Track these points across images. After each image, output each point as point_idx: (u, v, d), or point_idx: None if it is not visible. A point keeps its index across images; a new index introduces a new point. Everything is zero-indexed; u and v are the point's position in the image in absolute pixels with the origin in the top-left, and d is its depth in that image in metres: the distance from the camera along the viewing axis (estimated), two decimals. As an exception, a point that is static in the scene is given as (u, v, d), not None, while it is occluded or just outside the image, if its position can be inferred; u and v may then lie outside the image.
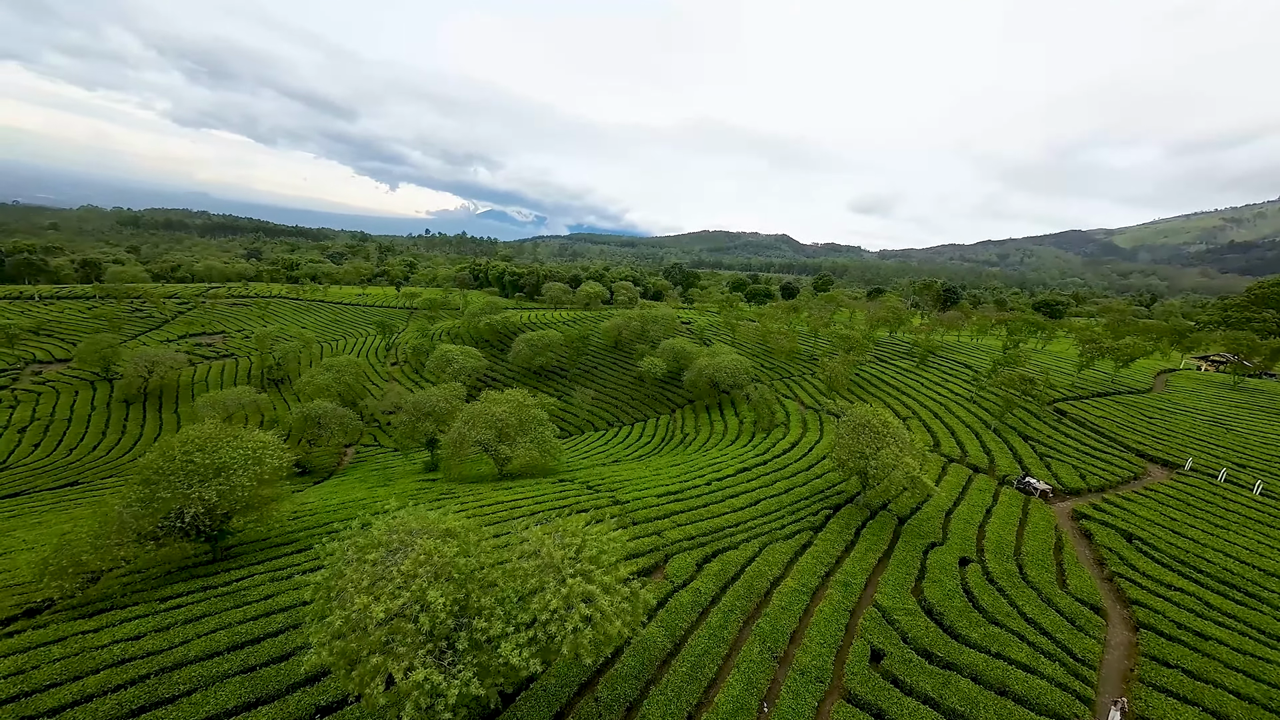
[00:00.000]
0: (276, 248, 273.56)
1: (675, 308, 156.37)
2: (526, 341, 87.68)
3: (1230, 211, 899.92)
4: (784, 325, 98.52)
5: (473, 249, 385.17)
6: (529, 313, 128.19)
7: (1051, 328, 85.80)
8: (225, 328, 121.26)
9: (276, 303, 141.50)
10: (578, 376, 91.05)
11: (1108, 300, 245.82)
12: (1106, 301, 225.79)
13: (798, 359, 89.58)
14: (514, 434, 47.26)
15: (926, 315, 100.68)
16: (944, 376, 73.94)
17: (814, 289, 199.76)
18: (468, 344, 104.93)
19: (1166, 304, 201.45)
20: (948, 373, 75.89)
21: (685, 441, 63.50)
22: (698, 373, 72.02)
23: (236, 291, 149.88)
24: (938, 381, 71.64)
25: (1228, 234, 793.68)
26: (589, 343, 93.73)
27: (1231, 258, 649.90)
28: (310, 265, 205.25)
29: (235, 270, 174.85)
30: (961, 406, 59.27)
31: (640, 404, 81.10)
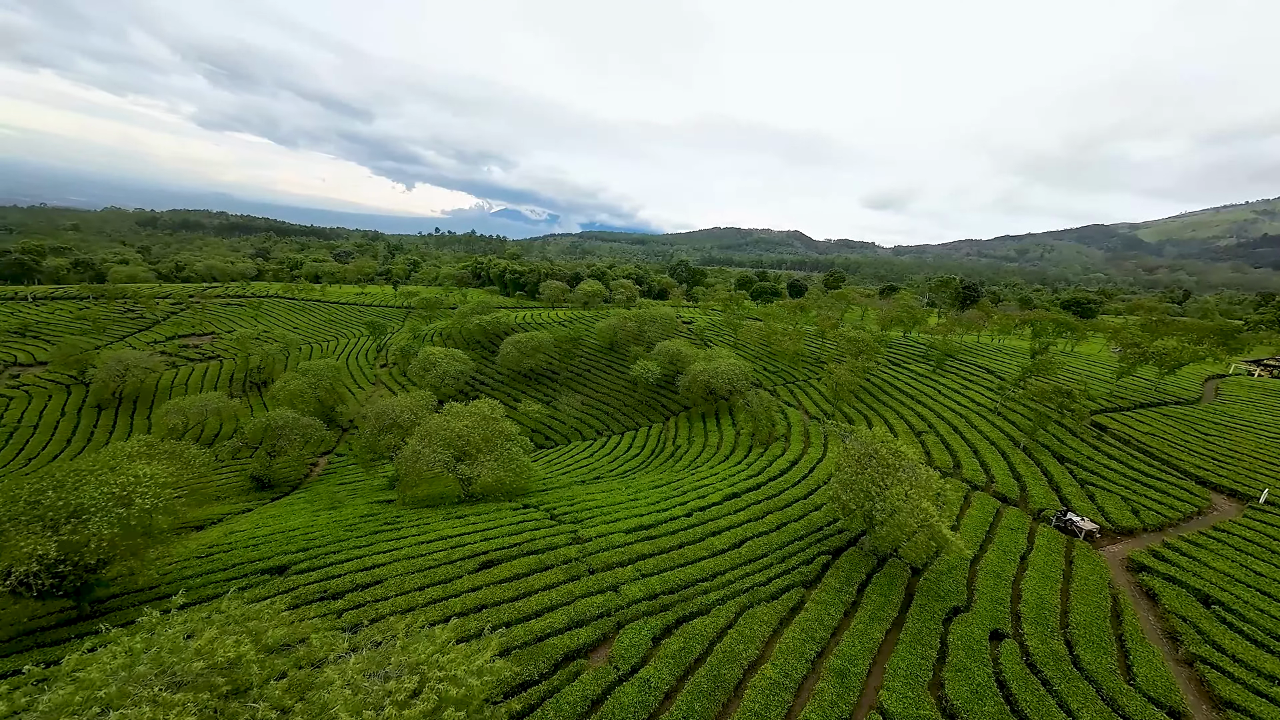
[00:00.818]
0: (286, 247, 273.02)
1: (679, 306, 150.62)
2: (514, 344, 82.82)
3: (1262, 204, 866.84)
4: (789, 325, 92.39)
5: (482, 247, 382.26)
6: (525, 312, 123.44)
7: (1083, 328, 78.58)
8: (216, 328, 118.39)
9: (272, 303, 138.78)
10: (569, 380, 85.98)
11: (1136, 297, 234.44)
12: (1135, 299, 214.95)
13: (804, 362, 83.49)
14: (477, 452, 42.24)
15: (944, 314, 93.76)
16: (964, 383, 67.42)
17: (824, 286, 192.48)
18: (459, 345, 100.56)
19: (1201, 301, 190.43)
20: (968, 378, 69.31)
21: (676, 455, 58.03)
22: (692, 379, 66.48)
23: (234, 291, 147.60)
24: (957, 389, 65.18)
25: (1259, 227, 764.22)
26: (580, 345, 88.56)
27: (1264, 251, 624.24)
28: (313, 265, 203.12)
29: (237, 270, 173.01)
30: (985, 419, 52.93)
31: (632, 411, 75.74)
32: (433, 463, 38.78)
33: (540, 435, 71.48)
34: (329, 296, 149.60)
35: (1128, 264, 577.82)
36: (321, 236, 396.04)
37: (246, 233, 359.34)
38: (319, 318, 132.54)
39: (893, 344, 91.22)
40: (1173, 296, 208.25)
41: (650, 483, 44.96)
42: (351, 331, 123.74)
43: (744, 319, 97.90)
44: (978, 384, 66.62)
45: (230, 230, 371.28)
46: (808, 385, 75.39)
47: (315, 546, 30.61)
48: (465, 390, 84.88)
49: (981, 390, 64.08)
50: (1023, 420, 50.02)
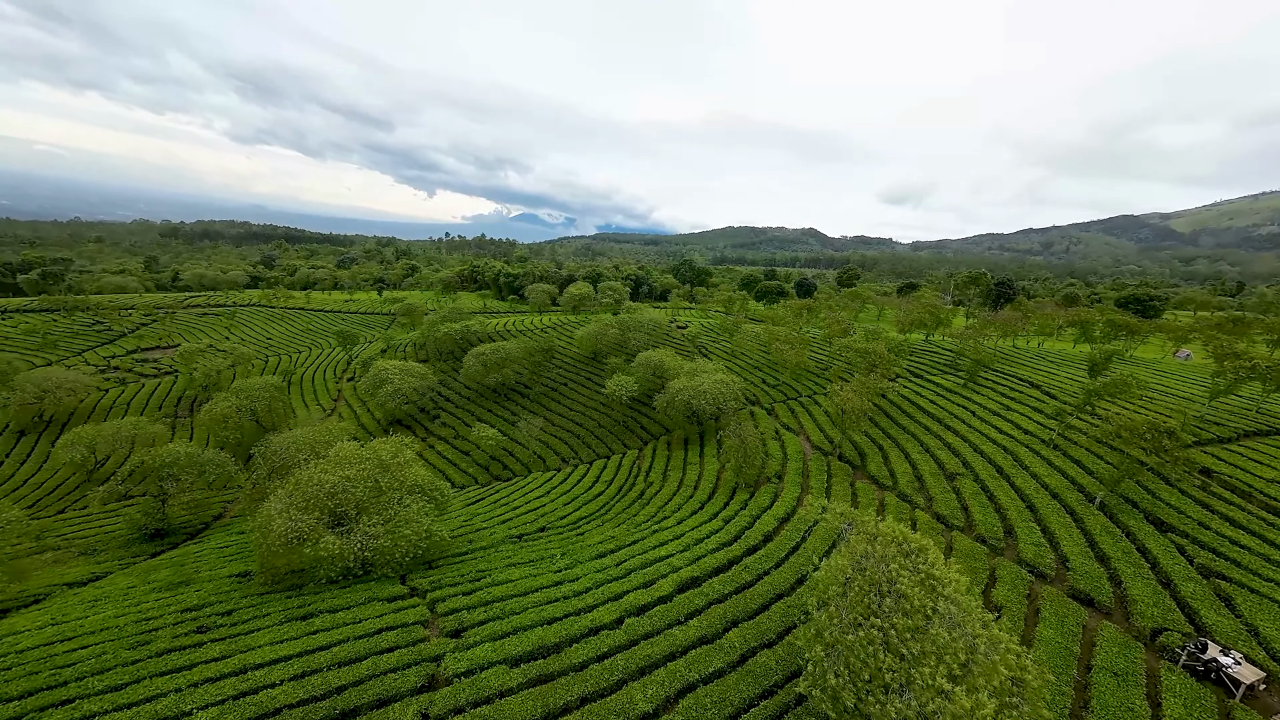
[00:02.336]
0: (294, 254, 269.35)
1: (677, 309, 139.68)
2: (478, 356, 73.03)
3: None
4: (793, 330, 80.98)
5: (491, 251, 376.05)
6: (507, 318, 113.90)
7: (1146, 329, 65.79)
8: (185, 341, 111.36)
9: (251, 312, 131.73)
10: (542, 395, 75.86)
11: (1179, 290, 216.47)
12: (1182, 291, 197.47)
13: (810, 374, 72.06)
14: (359, 512, 32.28)
15: (974, 314, 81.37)
16: (1004, 401, 55.49)
17: (837, 284, 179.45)
18: (432, 356, 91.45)
19: (1259, 292, 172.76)
20: (1009, 395, 57.33)
21: (644, 496, 47.41)
22: (671, 398, 55.85)
23: (216, 300, 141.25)
24: (996, 409, 53.31)
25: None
26: (553, 356, 78.34)
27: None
28: (307, 272, 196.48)
29: (228, 278, 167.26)
30: (1038, 456, 41.23)
31: (606, 434, 65.26)
32: (290, 537, 28.86)
33: (498, 465, 61.45)
34: (315, 304, 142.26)
35: (1162, 255, 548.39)
36: (335, 243, 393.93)
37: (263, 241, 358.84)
38: (297, 327, 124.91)
39: (914, 349, 79.21)
40: (1224, 289, 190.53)
41: (594, 547, 34.48)
42: (328, 342, 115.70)
43: (742, 323, 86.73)
44: (1022, 403, 54.61)
45: (249, 239, 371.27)
46: (814, 402, 64.05)
47: (59, 684, 20.81)
48: (426, 409, 75.49)
49: (1028, 412, 52.12)
50: (1091, 458, 38.25)
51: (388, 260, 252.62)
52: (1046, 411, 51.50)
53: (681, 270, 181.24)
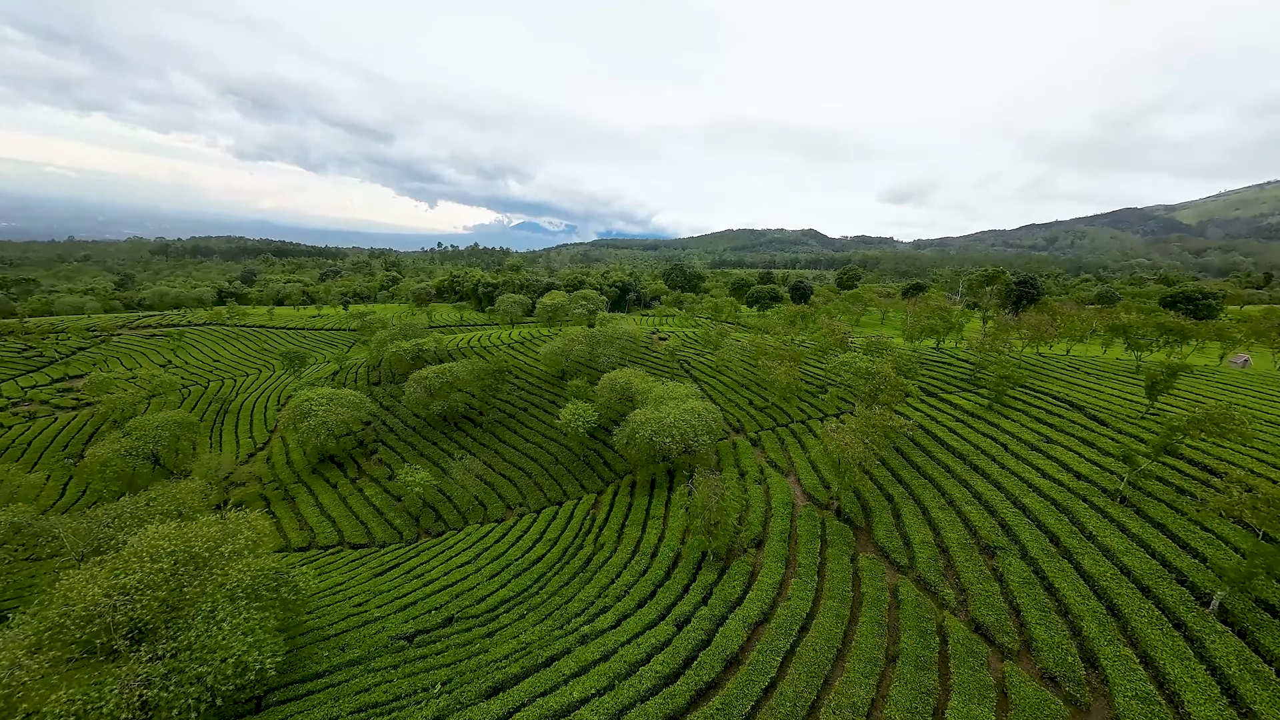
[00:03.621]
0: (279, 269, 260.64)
1: (662, 317, 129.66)
2: (420, 381, 63.17)
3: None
4: (785, 341, 70.83)
5: (484, 260, 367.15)
6: (474, 333, 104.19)
7: (1203, 333, 55.28)
8: (122, 367, 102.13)
9: (204, 331, 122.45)
10: (495, 425, 65.83)
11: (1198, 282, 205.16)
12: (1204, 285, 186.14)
13: (806, 390, 61.88)
14: (136, 637, 22.37)
15: (991, 318, 71.04)
16: (1040, 429, 45.15)
17: (837, 286, 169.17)
18: (385, 379, 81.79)
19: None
20: (1045, 418, 47.02)
21: (590, 564, 37.34)
22: (630, 434, 45.82)
23: (171, 320, 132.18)
24: (1032, 440, 42.99)
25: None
26: (508, 377, 68.29)
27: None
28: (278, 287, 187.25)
29: (194, 295, 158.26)
30: (1104, 518, 30.93)
31: (563, 472, 55.14)
32: None
33: (430, 515, 51.39)
34: (278, 320, 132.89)
35: (1171, 247, 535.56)
36: (328, 256, 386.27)
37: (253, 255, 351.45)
38: (251, 347, 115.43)
39: (924, 360, 68.92)
40: (1249, 281, 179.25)
41: (492, 672, 24.35)
42: (281, 363, 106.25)
43: (727, 334, 76.63)
44: (1064, 431, 44.24)
45: (241, 253, 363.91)
46: (807, 429, 53.83)
47: None
48: (365, 441, 65.66)
49: (1075, 444, 41.77)
50: (1186, 524, 27.88)
51: (375, 272, 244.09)
52: (1100, 445, 41.11)
53: (672, 275, 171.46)
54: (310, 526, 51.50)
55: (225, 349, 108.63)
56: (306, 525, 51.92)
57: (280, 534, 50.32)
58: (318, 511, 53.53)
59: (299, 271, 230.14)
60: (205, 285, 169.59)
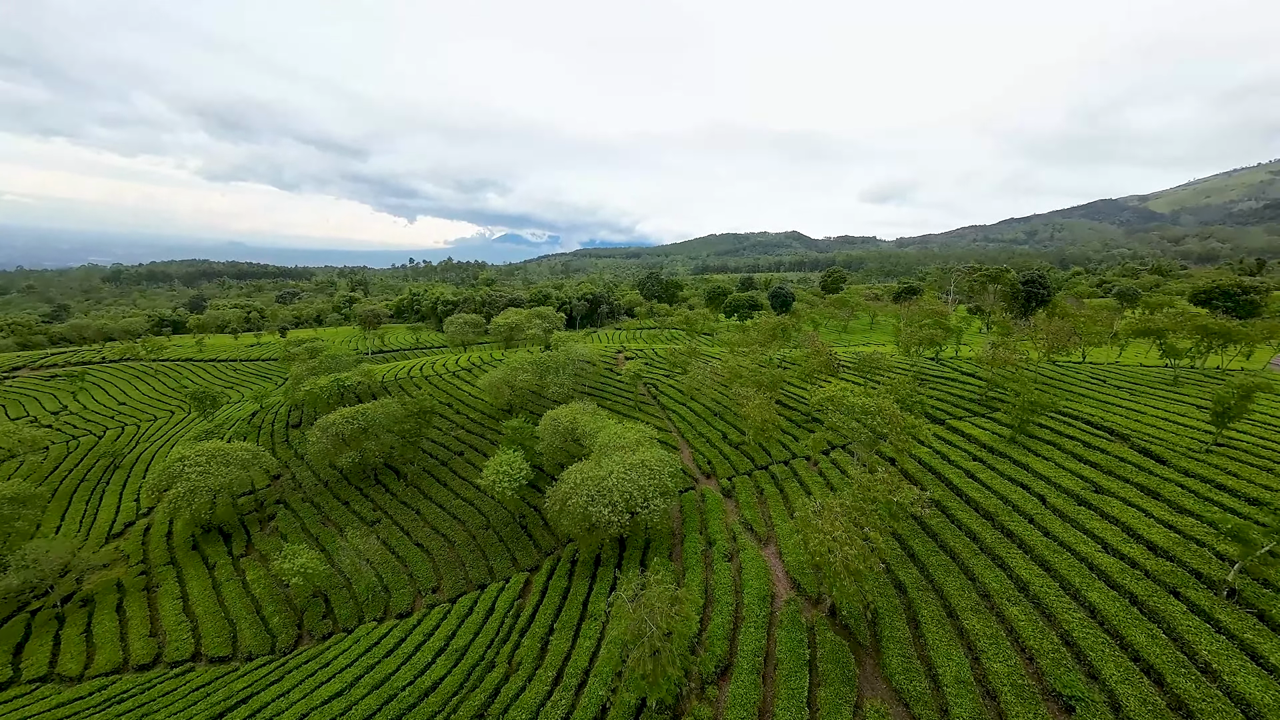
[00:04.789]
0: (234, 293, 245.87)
1: (632, 331, 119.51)
2: (326, 429, 52.17)
3: (1277, 164, 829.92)
4: (762, 361, 60.90)
5: (458, 275, 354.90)
6: (416, 360, 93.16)
7: (1250, 335, 46.33)
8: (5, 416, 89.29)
9: (118, 368, 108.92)
10: (420, 477, 54.90)
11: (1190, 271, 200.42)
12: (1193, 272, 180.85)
13: (790, 421, 51.99)
14: None
15: (995, 322, 61.78)
16: (1083, 471, 35.54)
17: (822, 289, 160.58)
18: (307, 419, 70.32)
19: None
20: (1084, 454, 37.48)
21: (494, 698, 26.72)
22: (561, 501, 35.58)
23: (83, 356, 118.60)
24: (1076, 489, 33.31)
25: (1277, 187, 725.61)
26: (433, 420, 57.37)
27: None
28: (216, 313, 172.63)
29: (120, 326, 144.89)
30: (1215, 631, 21.02)
31: (493, 541, 44.43)
32: None
33: (319, 607, 40.32)
34: (209, 351, 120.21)
35: (1150, 236, 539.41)
36: (294, 277, 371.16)
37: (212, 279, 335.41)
38: (168, 385, 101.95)
39: (923, 375, 59.44)
40: (1244, 268, 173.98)
41: None
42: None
43: (697, 352, 66.61)
44: (1115, 474, 34.66)
45: (199, 278, 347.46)
46: (791, 474, 43.81)
47: None
48: (262, 504, 54.35)
49: (1135, 496, 32.16)
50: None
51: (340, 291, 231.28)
52: (1168, 496, 31.47)
53: (647, 284, 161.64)
54: (165, 630, 40.20)
55: (137, 388, 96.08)
56: (160, 629, 40.59)
57: (121, 646, 39.00)
58: (180, 607, 42.21)
59: (256, 295, 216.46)
60: (138, 315, 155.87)
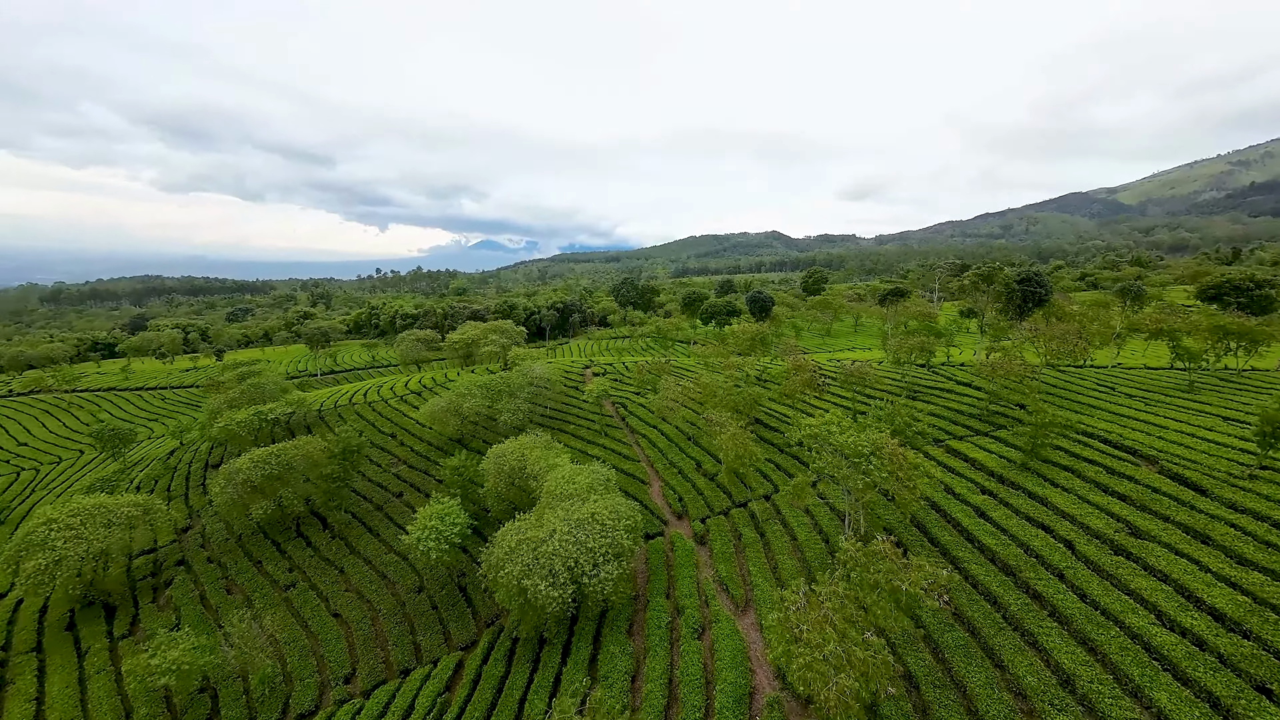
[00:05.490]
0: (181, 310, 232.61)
1: (604, 342, 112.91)
2: (233, 476, 44.55)
3: (1234, 155, 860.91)
4: (735, 380, 54.79)
5: (429, 284, 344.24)
6: (368, 382, 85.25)
7: (1273, 336, 41.53)
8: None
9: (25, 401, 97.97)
10: (347, 528, 47.44)
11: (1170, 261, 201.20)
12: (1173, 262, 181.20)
13: (770, 444, 45.95)
14: None
15: (988, 326, 56.57)
16: (1109, 505, 29.93)
17: (803, 290, 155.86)
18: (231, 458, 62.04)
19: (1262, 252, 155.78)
20: (1107, 481, 31.97)
21: None
22: (493, 572, 29.19)
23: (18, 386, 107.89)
24: (1110, 534, 27.62)
25: (1237, 178, 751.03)
26: (360, 461, 49.86)
27: (1257, 200, 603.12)
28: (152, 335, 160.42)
29: (39, 353, 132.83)
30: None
31: (424, 611, 37.38)
32: None
33: (204, 706, 32.81)
34: (137, 379, 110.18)
35: (1121, 228, 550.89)
36: (252, 291, 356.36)
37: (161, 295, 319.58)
38: (80, 420, 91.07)
39: (915, 388, 53.91)
40: (1220, 257, 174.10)
41: None
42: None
43: (667, 370, 60.28)
44: (1151, 510, 29.08)
45: (149, 295, 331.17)
46: (774, 512, 37.64)
47: None
48: (153, 572, 46.33)
49: (1181, 542, 26.62)
50: None
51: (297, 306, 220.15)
52: (1218, 538, 25.90)
53: (623, 290, 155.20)
54: (5, 749, 32.32)
55: (45, 425, 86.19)
56: (0, 746, 32.68)
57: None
58: (32, 713, 34.31)
59: (207, 312, 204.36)
60: (66, 340, 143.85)
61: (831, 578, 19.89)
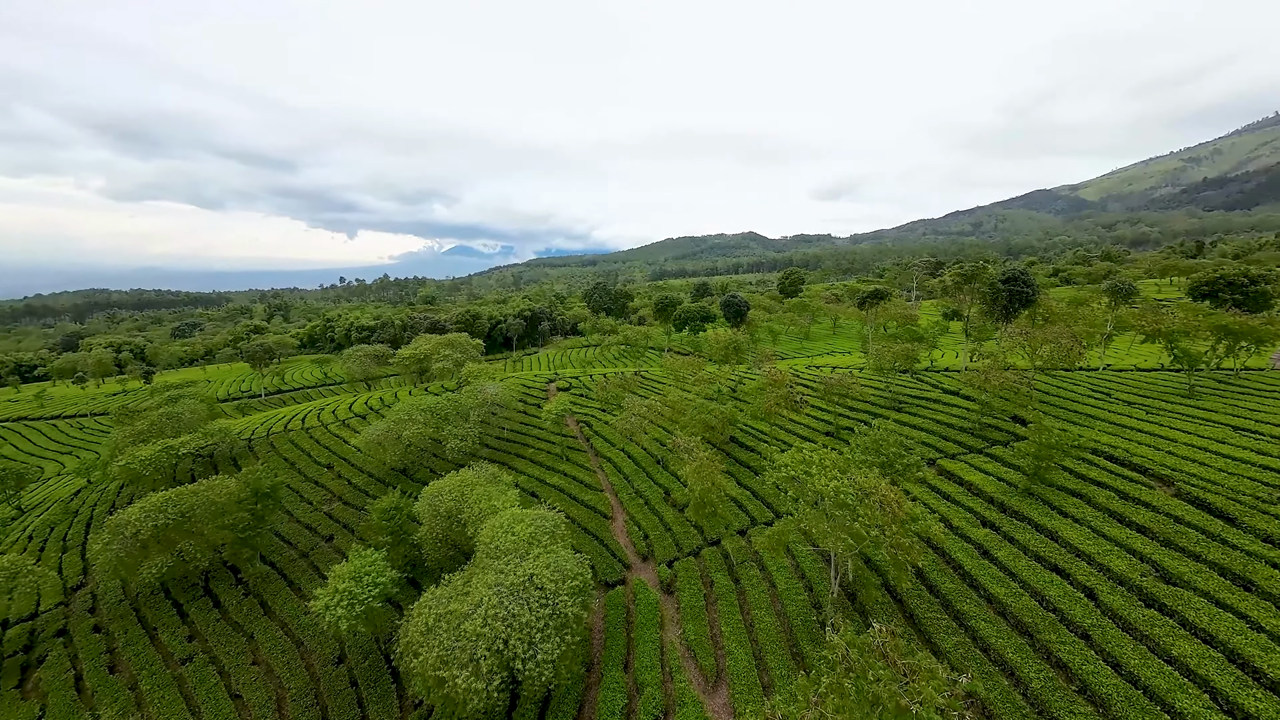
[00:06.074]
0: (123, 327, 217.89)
1: (568, 352, 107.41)
2: (119, 530, 37.80)
3: (1186, 152, 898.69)
4: (705, 394, 49.96)
5: (395, 293, 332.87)
6: (314, 404, 78.14)
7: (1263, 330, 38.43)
8: None
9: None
10: (264, 583, 41.00)
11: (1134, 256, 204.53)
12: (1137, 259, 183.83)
13: (748, 466, 41.19)
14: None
15: (973, 330, 52.91)
16: (1128, 539, 25.73)
17: (780, 292, 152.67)
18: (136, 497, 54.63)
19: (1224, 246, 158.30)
20: (1118, 508, 27.89)
21: None
22: (408, 653, 23.48)
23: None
24: (1134, 579, 23.32)
25: (1189, 174, 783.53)
26: (274, 507, 43.42)
27: (1209, 195, 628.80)
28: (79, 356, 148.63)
29: None
30: None
31: (341, 690, 31.36)
32: None
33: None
34: (54, 405, 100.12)
35: (1086, 223, 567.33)
36: (206, 304, 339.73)
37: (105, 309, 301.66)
38: None
39: (899, 399, 49.91)
40: (1184, 250, 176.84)
41: None
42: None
43: (630, 387, 55.13)
44: (1178, 546, 24.99)
45: (91, 310, 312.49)
46: (753, 554, 32.82)
47: None
48: (26, 646, 39.21)
49: (1223, 590, 22.43)
50: None
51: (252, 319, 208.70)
52: (1264, 583, 21.79)
53: (595, 296, 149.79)
54: None
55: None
56: None
57: None
58: None
59: (152, 327, 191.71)
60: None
61: (816, 689, 14.97)
